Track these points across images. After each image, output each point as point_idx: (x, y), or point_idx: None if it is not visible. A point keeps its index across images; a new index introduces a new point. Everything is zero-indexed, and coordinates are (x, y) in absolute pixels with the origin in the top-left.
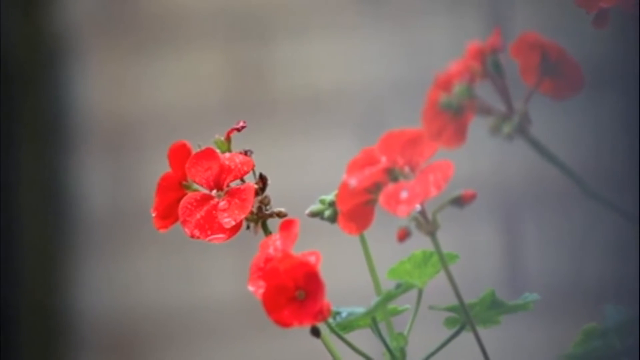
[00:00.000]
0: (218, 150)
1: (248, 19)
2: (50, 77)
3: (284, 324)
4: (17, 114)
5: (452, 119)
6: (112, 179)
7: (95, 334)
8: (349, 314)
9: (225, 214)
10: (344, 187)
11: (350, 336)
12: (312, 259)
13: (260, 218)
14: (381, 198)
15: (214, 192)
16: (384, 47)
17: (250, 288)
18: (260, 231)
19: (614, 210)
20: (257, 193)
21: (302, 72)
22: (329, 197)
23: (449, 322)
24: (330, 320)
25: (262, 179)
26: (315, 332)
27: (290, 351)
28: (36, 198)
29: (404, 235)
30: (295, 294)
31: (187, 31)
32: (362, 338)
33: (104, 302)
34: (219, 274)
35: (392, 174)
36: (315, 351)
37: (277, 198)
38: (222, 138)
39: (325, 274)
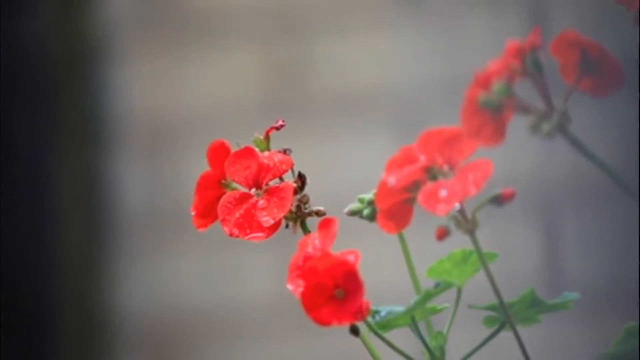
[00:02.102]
0: (257, 149)
1: (287, 18)
2: (89, 76)
3: (323, 322)
4: (58, 114)
5: (491, 117)
6: (151, 178)
7: (135, 333)
8: (388, 313)
9: (264, 213)
10: (383, 185)
11: (389, 335)
12: (351, 258)
13: (299, 217)
14: (420, 196)
15: (253, 190)
16: (423, 46)
17: (289, 287)
18: (299, 230)
19: None
20: (296, 192)
21: (341, 70)
22: (368, 196)
23: (488, 321)
24: (369, 319)
25: (301, 178)
26: (354, 330)
27: (329, 350)
28: (77, 198)
29: (443, 234)
30: (334, 292)
31: (226, 30)
32: (401, 337)
33: (144, 301)
34: (257, 272)
35: (431, 173)
36: (354, 350)
37: (316, 197)
38: (261, 137)
39: (364, 272)
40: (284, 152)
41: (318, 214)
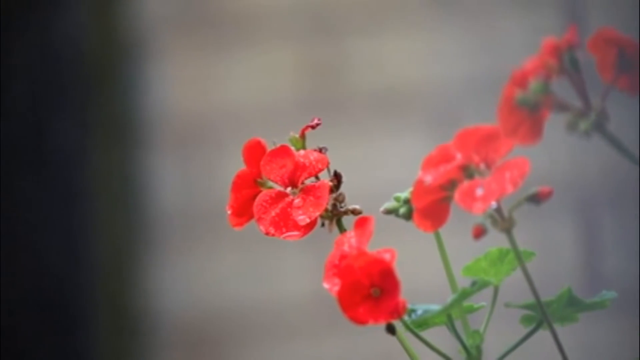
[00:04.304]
0: (293, 148)
1: (322, 17)
2: (125, 75)
3: (360, 321)
4: (93, 113)
5: (528, 115)
6: (187, 176)
7: (170, 331)
8: (425, 312)
9: (300, 212)
10: (419, 184)
11: (425, 334)
12: (387, 257)
13: (334, 215)
14: (457, 195)
15: (288, 189)
16: (459, 44)
17: (326, 285)
18: (335, 228)
19: None
20: (331, 190)
21: (377, 69)
22: (404, 194)
23: (525, 320)
24: (406, 317)
25: (337, 176)
26: (391, 329)
27: (365, 349)
28: (112, 197)
29: (479, 233)
30: (371, 291)
31: (261, 29)
32: (438, 336)
33: (179, 300)
34: (293, 271)
35: (467, 171)
36: (391, 349)
37: (352, 195)
38: (297, 135)
39: (400, 271)
40: (320, 150)
41: (354, 212)
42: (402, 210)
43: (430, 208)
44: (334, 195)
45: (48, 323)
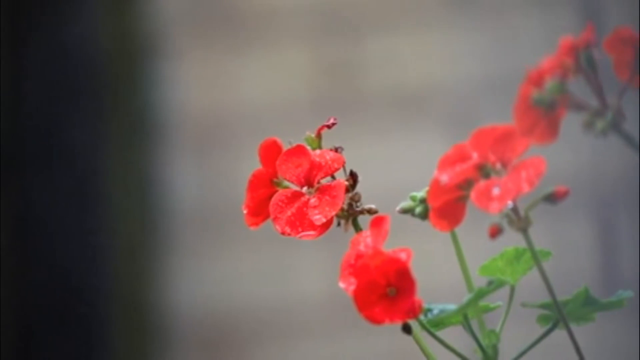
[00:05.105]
0: (309, 147)
1: (338, 17)
2: (141, 74)
3: (375, 321)
4: (110, 112)
5: (544, 115)
6: (203, 176)
7: (186, 331)
8: (441, 311)
9: (316, 211)
10: (435, 183)
11: (441, 333)
12: (403, 256)
13: (350, 215)
14: (473, 194)
15: (304, 189)
16: (475, 43)
17: (342, 285)
18: (351, 228)
19: None
20: (347, 190)
21: (392, 69)
22: (420, 194)
23: (541, 320)
24: (422, 317)
25: (353, 176)
26: (407, 329)
27: (381, 348)
28: (129, 196)
29: (495, 232)
30: (387, 290)
31: (277, 28)
32: (454, 335)
33: (196, 299)
34: (309, 270)
35: (483, 170)
36: (407, 348)
37: (368, 195)
38: (313, 135)
39: (416, 270)
40: (336, 150)
41: (370, 212)
42: (418, 209)
43: (446, 207)
44: (349, 194)
45: (64, 323)
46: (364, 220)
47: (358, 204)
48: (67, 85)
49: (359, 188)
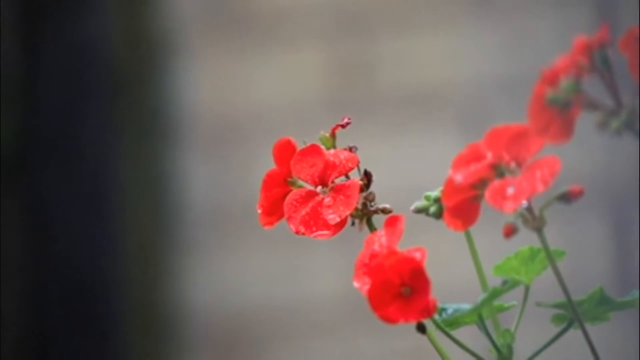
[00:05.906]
0: (323, 147)
1: (353, 16)
2: (156, 74)
3: (390, 320)
4: (124, 112)
5: (558, 114)
6: (217, 175)
7: (200, 330)
8: (455, 311)
9: (330, 210)
10: (450, 182)
11: (456, 333)
12: (417, 255)
13: (365, 214)
14: (487, 194)
15: (319, 188)
16: (489, 43)
17: (356, 284)
18: (365, 227)
19: None
20: (362, 189)
21: (407, 68)
22: (435, 193)
23: (556, 319)
24: (436, 316)
25: (367, 175)
26: (421, 328)
27: (396, 348)
28: (143, 195)
29: (510, 232)
30: (401, 290)
31: (292, 28)
32: (468, 335)
33: (209, 298)
34: (324, 270)
35: (498, 170)
36: (422, 348)
37: (382, 194)
38: (327, 134)
39: (430, 270)
40: (350, 149)
41: (384, 211)
42: (432, 209)
43: (461, 207)
44: (364, 194)
45: (78, 323)
46: (378, 219)
47: (372, 203)
48: (81, 84)
49: (373, 187)
